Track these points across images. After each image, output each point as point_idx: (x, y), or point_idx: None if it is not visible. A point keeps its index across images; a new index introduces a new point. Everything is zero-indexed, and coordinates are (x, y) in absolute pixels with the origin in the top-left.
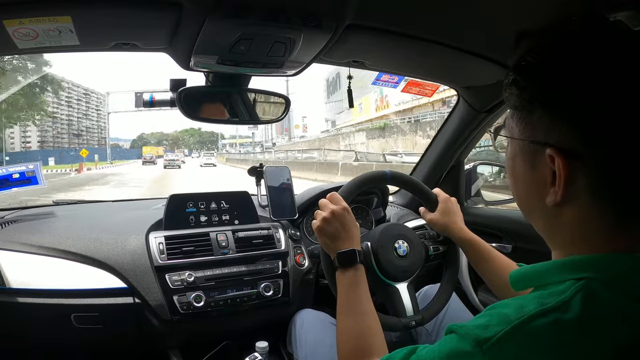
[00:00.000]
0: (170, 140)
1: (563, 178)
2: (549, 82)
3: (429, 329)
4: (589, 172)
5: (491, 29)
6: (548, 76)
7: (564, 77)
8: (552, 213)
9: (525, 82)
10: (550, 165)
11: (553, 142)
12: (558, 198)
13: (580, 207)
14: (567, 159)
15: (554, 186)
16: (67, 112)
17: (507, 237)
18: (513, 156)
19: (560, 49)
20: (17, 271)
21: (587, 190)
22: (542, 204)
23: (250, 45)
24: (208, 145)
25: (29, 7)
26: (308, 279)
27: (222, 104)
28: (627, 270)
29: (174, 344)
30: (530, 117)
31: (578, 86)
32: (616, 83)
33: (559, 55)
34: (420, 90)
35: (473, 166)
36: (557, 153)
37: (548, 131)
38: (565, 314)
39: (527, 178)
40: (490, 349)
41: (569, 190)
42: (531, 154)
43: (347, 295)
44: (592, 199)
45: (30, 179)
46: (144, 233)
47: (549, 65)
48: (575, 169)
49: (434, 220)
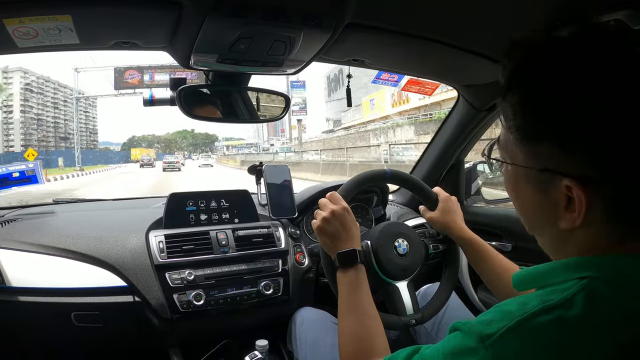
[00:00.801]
0: (163, 143)
1: (584, 207)
2: (553, 107)
3: (428, 328)
4: (605, 196)
5: (491, 28)
6: (551, 100)
7: (569, 99)
8: (562, 234)
9: (531, 113)
10: (566, 192)
11: (568, 171)
12: (577, 223)
13: (593, 228)
14: (585, 187)
15: (568, 211)
16: (53, 114)
17: (507, 235)
18: (516, 180)
19: (557, 65)
20: (17, 270)
21: (602, 213)
22: (551, 225)
23: (250, 44)
24: (202, 147)
25: (29, 6)
26: (308, 277)
27: (222, 103)
28: (630, 270)
29: (174, 343)
30: (537, 145)
31: (590, 115)
32: (625, 103)
33: (558, 74)
34: (420, 89)
35: (473, 165)
36: (576, 183)
37: (560, 160)
38: (568, 311)
39: (535, 202)
40: (493, 345)
41: (587, 216)
42: (541, 180)
43: (348, 295)
44: (607, 218)
45: (30, 178)
46: (144, 231)
47: (549, 86)
48: (592, 195)
49: (433, 219)
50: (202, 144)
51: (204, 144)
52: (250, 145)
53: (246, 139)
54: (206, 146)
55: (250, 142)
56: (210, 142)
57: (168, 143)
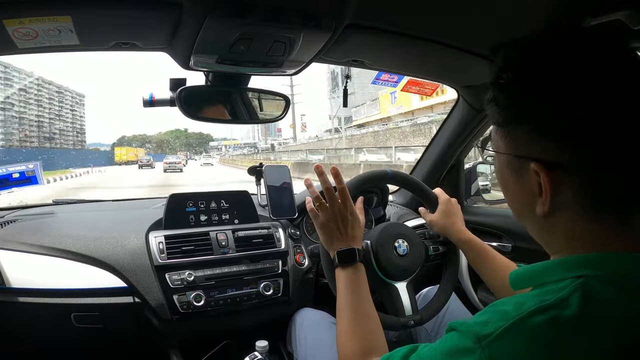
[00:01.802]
0: (154, 143)
1: (549, 190)
2: (527, 98)
3: (428, 328)
4: (574, 181)
5: (491, 28)
6: (525, 92)
7: (540, 91)
8: (543, 222)
9: (505, 99)
10: (536, 177)
11: (536, 155)
12: (546, 209)
13: (571, 215)
14: (551, 171)
15: (541, 197)
16: (37, 113)
17: (507, 236)
18: (501, 168)
19: (533, 63)
20: (17, 271)
21: (575, 198)
22: (532, 213)
23: (249, 45)
24: (195, 147)
25: (28, 7)
26: (308, 278)
27: (222, 104)
28: (627, 268)
29: (174, 343)
30: (513, 132)
31: (555, 100)
32: (592, 92)
33: (533, 70)
34: (420, 90)
35: (473, 165)
36: (540, 167)
37: (530, 145)
38: (564, 311)
39: (515, 189)
40: (490, 345)
41: (556, 200)
42: (517, 167)
43: (347, 294)
44: (581, 206)
45: (30, 179)
46: (144, 232)
47: (524, 81)
48: (560, 180)
49: (433, 221)
50: (197, 144)
51: (198, 144)
52: (245, 146)
53: (239, 139)
54: (200, 146)
55: (247, 142)
56: (205, 142)
57: (160, 143)
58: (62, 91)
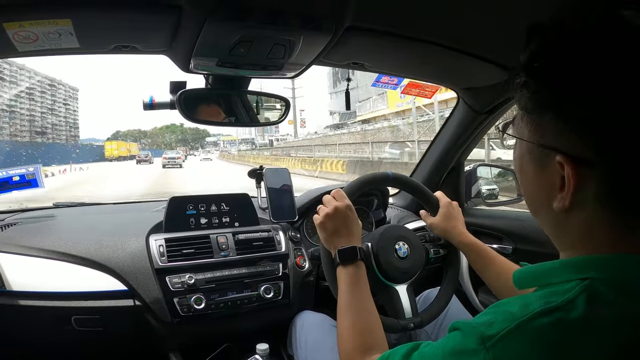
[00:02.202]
0: (149, 139)
1: (572, 185)
2: (561, 87)
3: (428, 331)
4: (598, 179)
5: (491, 31)
6: (561, 80)
7: (578, 82)
8: (558, 217)
9: (537, 84)
10: (560, 170)
11: (563, 148)
12: (566, 204)
13: (587, 213)
14: (577, 166)
15: (562, 191)
16: (28, 106)
17: (508, 238)
18: (521, 156)
19: (574, 51)
20: (18, 274)
21: (595, 197)
22: (548, 207)
23: (249, 48)
24: (191, 143)
25: (29, 10)
26: (308, 280)
27: (222, 106)
28: (632, 271)
29: (175, 346)
30: (540, 120)
31: (592, 92)
32: (632, 88)
33: (572, 59)
34: (420, 92)
35: (473, 167)
36: (567, 160)
37: (558, 136)
38: (570, 313)
39: (535, 179)
40: (494, 346)
41: (577, 196)
42: (540, 157)
43: (348, 292)
44: (600, 205)
45: (30, 182)
46: (144, 235)
47: (562, 68)
48: (584, 176)
49: (434, 224)
50: (192, 140)
51: (193, 140)
52: (243, 142)
53: (234, 135)
54: (196, 142)
55: (244, 137)
56: (201, 137)
57: (155, 138)
58: (55, 84)
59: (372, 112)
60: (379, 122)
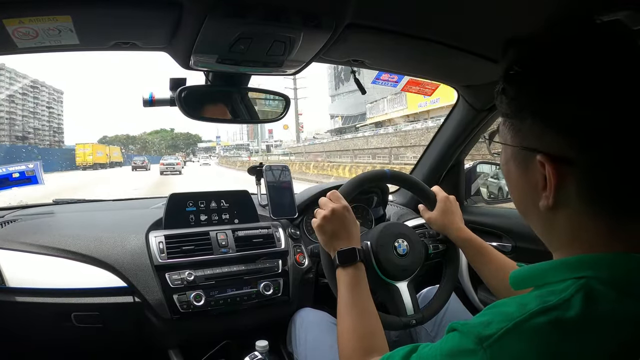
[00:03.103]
0: (138, 144)
1: (553, 183)
2: (537, 91)
3: (428, 328)
4: (579, 177)
5: (491, 28)
6: (536, 85)
7: (552, 85)
8: (546, 216)
9: (515, 91)
10: (541, 170)
11: (543, 148)
12: (550, 202)
13: (573, 210)
14: (557, 164)
15: (545, 191)
16: (8, 109)
17: (507, 236)
18: (507, 161)
19: (547, 57)
20: (17, 270)
21: (578, 194)
22: (536, 208)
23: (249, 45)
24: (182, 149)
25: (29, 7)
26: (308, 278)
27: (222, 103)
28: (627, 270)
29: (174, 343)
30: (521, 124)
31: (567, 94)
32: (605, 89)
33: (546, 64)
34: (420, 89)
35: (473, 165)
36: (547, 159)
37: (538, 138)
38: (566, 312)
39: (520, 182)
40: (492, 346)
41: (559, 194)
42: (523, 159)
43: (348, 293)
44: (584, 202)
45: (30, 179)
46: (144, 232)
47: (536, 74)
48: (565, 174)
49: (432, 219)
50: (184, 145)
51: (185, 145)
52: (236, 147)
53: (227, 141)
54: (188, 147)
55: (239, 143)
56: (192, 142)
57: (144, 144)
58: (38, 86)
59: (386, 114)
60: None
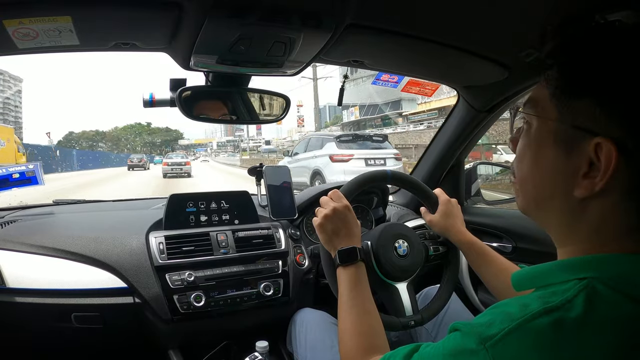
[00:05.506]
0: (110, 141)
1: (611, 170)
2: (605, 71)
3: (428, 329)
4: (631, 169)
5: (492, 29)
6: (604, 64)
7: (623, 67)
8: (575, 206)
9: (578, 62)
10: (592, 155)
11: (601, 131)
12: (595, 190)
13: (608, 203)
14: (617, 150)
15: (587, 177)
16: None
17: (507, 236)
18: (539, 140)
19: (627, 39)
20: (17, 271)
21: (623, 186)
22: (564, 195)
23: (249, 45)
24: (160, 147)
25: (29, 7)
26: (308, 278)
27: (222, 104)
28: (630, 271)
29: (174, 344)
30: (576, 102)
31: (631, 80)
32: None
33: (625, 47)
34: (420, 90)
35: (473, 166)
36: (609, 143)
37: (595, 120)
38: (569, 313)
39: (555, 165)
40: (494, 347)
41: (608, 183)
42: (569, 139)
43: (348, 293)
44: (623, 197)
45: (30, 179)
46: (144, 233)
47: (614, 54)
48: (619, 163)
49: (433, 222)
50: (162, 143)
51: (163, 143)
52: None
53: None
54: (166, 145)
55: (229, 139)
56: (172, 139)
57: (116, 141)
58: None
59: (426, 102)
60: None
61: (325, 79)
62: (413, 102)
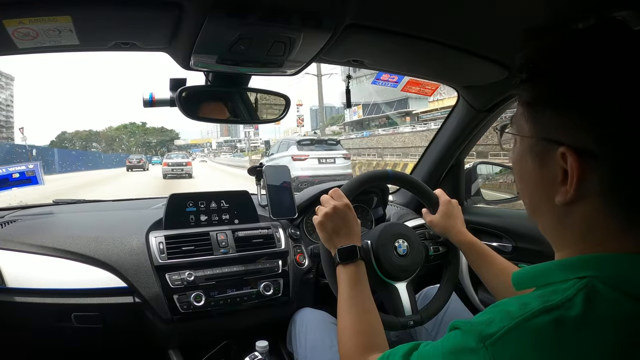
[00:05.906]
0: (104, 141)
1: (576, 177)
2: (564, 82)
3: (428, 328)
4: (601, 172)
5: (491, 29)
6: (564, 76)
7: (580, 77)
8: (560, 212)
9: (540, 80)
10: (562, 163)
11: (566, 140)
12: (569, 197)
13: (590, 207)
14: (580, 157)
15: (564, 185)
16: None
17: (507, 236)
18: (521, 155)
19: (577, 48)
20: (17, 271)
21: (598, 190)
22: (550, 203)
23: (249, 45)
24: (155, 147)
25: (29, 7)
26: (308, 278)
27: (222, 104)
28: (630, 270)
29: (174, 344)
30: (542, 115)
31: (595, 87)
32: (635, 83)
33: (575, 55)
34: (420, 90)
35: (473, 165)
36: (571, 152)
37: (561, 129)
38: (569, 312)
39: (535, 176)
40: (493, 345)
41: (580, 189)
42: (541, 151)
43: (348, 291)
44: (603, 199)
45: (30, 179)
46: (144, 232)
47: (564, 64)
48: (587, 168)
49: (434, 222)
50: (157, 143)
51: (159, 143)
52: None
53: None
54: (162, 145)
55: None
56: (169, 139)
57: (110, 141)
58: None
59: (438, 100)
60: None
61: (329, 75)
62: (423, 100)
